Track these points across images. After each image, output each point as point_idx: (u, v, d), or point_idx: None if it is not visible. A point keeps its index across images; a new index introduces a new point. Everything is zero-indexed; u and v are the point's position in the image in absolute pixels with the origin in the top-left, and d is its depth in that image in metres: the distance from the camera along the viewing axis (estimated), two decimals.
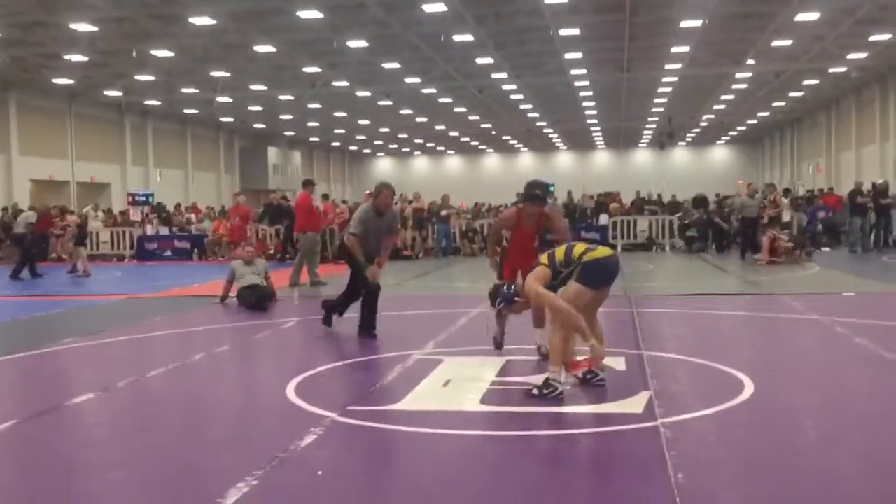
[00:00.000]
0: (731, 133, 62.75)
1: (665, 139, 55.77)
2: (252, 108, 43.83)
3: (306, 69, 32.12)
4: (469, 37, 26.70)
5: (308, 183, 16.83)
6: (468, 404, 6.32)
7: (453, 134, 57.11)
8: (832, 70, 34.80)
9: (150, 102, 39.66)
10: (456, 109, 44.63)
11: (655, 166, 66.65)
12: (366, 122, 50.00)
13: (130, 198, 29.19)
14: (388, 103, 41.24)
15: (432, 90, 37.64)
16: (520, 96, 40.86)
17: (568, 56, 30.33)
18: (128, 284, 17.83)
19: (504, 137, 61.79)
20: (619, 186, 39.05)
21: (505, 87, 37.69)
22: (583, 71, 33.70)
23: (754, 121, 53.94)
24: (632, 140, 64.65)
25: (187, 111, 44.04)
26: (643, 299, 12.51)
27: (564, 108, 46.10)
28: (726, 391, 6.38)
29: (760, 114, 50.30)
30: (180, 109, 43.39)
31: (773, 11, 24.68)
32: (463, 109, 44.91)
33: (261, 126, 51.16)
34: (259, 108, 43.92)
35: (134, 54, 27.96)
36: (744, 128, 58.58)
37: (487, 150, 70.56)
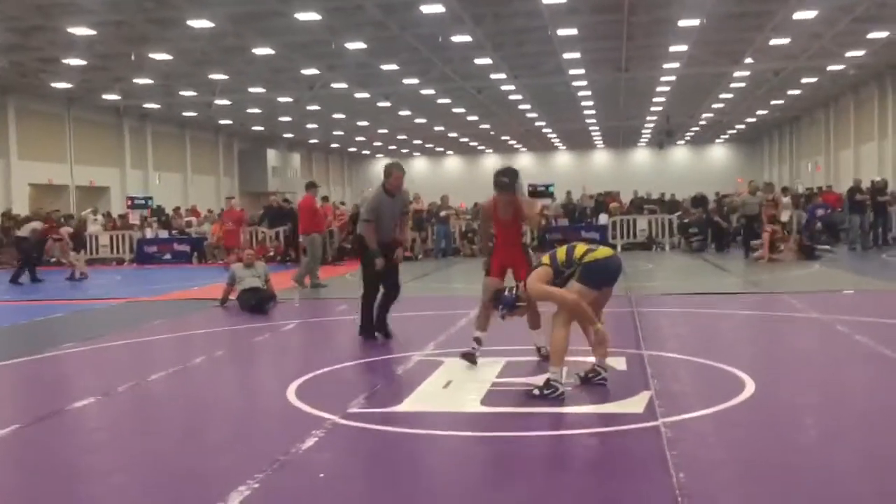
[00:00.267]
0: (730, 132, 62.75)
1: (664, 138, 55.79)
2: (251, 111, 43.83)
3: (305, 71, 32.13)
4: (467, 37, 26.71)
5: (311, 185, 16.95)
6: (469, 405, 6.32)
7: (452, 135, 57.12)
8: (830, 68, 34.81)
9: (149, 106, 39.65)
10: (454, 110, 44.64)
11: (654, 166, 66.67)
12: (364, 124, 49.99)
13: (129, 201, 29.16)
14: (387, 105, 41.22)
15: (431, 91, 37.64)
16: (518, 97, 40.87)
17: (566, 56, 30.34)
18: (127, 288, 17.83)
19: (503, 138, 61.79)
20: (619, 186, 39.03)
21: (503, 88, 37.69)
22: (581, 71, 33.72)
23: (753, 119, 53.95)
24: (631, 139, 64.64)
25: (186, 114, 44.03)
26: (643, 299, 12.51)
27: (563, 108, 46.10)
28: (727, 390, 6.38)
29: (759, 112, 50.32)
30: (179, 112, 43.38)
31: (771, 10, 24.69)
32: (462, 110, 44.92)
33: (260, 128, 51.15)
34: (258, 111, 43.92)
35: (132, 58, 27.95)
36: (742, 126, 58.59)
37: (486, 151, 70.58)
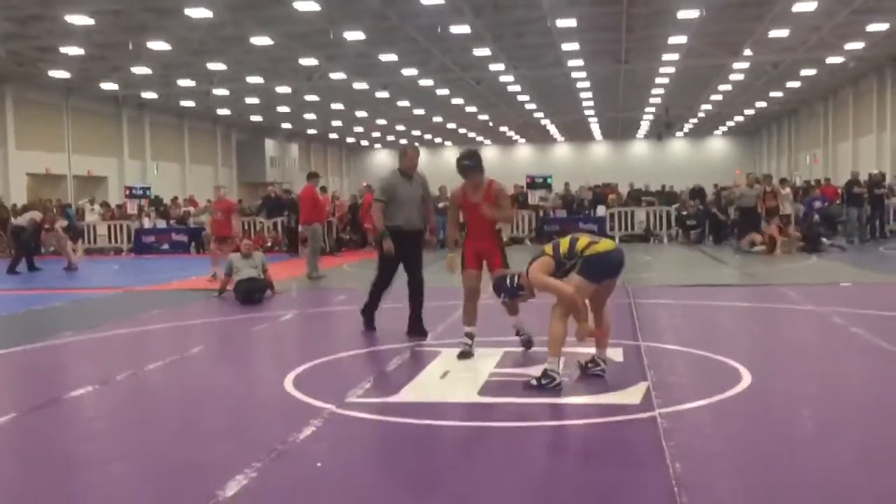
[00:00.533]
0: (729, 124, 62.68)
1: (663, 130, 55.71)
2: (249, 101, 43.72)
3: (303, 61, 32.04)
4: (466, 28, 26.64)
5: (313, 175, 16.97)
6: (466, 396, 6.33)
7: (451, 126, 57.00)
8: (829, 60, 34.73)
9: (147, 95, 39.54)
10: (453, 101, 44.54)
11: (653, 157, 66.61)
12: (363, 115, 49.90)
13: (127, 191, 29.10)
14: (386, 95, 41.14)
15: (430, 82, 37.56)
16: (517, 88, 40.79)
17: (565, 47, 30.27)
18: (125, 278, 17.82)
19: (502, 129, 61.70)
20: (617, 178, 38.96)
21: (502, 79, 37.61)
22: (580, 62, 33.64)
23: (752, 111, 53.89)
24: (629, 131, 64.55)
25: (184, 104, 43.92)
26: (641, 290, 12.52)
27: (562, 100, 46.02)
28: (724, 381, 6.40)
29: (758, 104, 50.26)
30: (177, 102, 43.27)
31: (771, 1, 24.62)
32: (460, 101, 44.83)
33: (258, 119, 51.05)
34: (256, 101, 43.82)
35: (130, 47, 27.85)
36: (741, 118, 58.53)
37: (485, 142, 70.46)
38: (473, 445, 5.25)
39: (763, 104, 50.07)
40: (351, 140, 68.16)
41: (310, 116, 50.67)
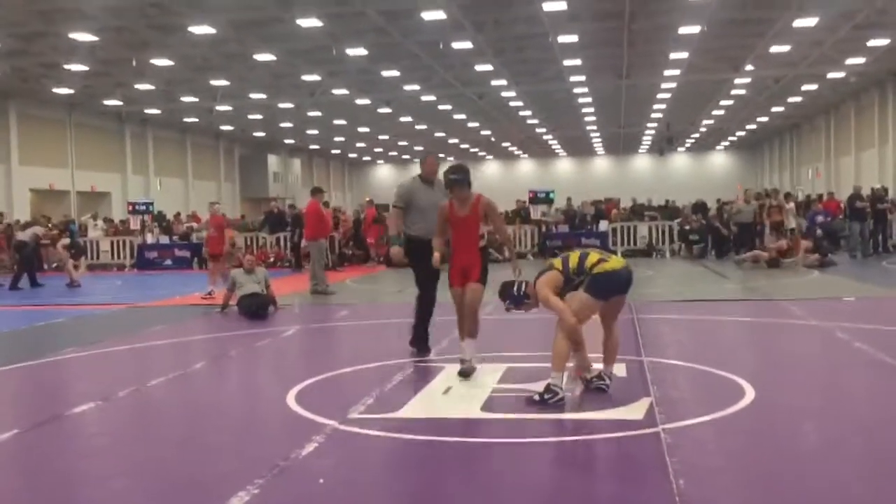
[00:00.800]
0: (731, 139, 62.78)
1: (664, 145, 55.82)
2: (252, 117, 43.88)
3: (306, 77, 32.17)
4: (468, 44, 26.76)
5: (317, 191, 16.94)
6: (469, 411, 6.32)
7: (453, 141, 57.14)
8: (831, 75, 34.83)
9: (150, 111, 39.69)
10: (455, 116, 44.68)
11: (655, 172, 66.71)
12: (365, 130, 50.05)
13: (130, 207, 29.15)
14: (388, 111, 41.27)
15: (432, 97, 37.68)
16: (519, 103, 40.91)
17: (567, 63, 30.37)
18: (128, 293, 17.82)
19: (504, 144, 61.82)
20: (619, 193, 39.03)
21: (504, 94, 37.72)
22: (582, 78, 33.76)
23: (753, 126, 54.00)
24: (631, 146, 64.66)
25: (187, 120, 44.09)
26: (644, 305, 12.49)
27: (564, 115, 46.14)
28: (727, 397, 6.38)
29: (760, 119, 50.36)
30: (180, 118, 43.44)
31: (772, 17, 24.72)
32: (462, 116, 44.95)
33: (261, 134, 51.21)
34: (259, 117, 43.97)
35: (134, 63, 27.99)
36: (743, 133, 58.62)
37: (487, 157, 70.59)
38: (476, 461, 5.23)
39: (765, 119, 50.17)
40: (353, 155, 68.30)
41: (312, 132, 50.83)
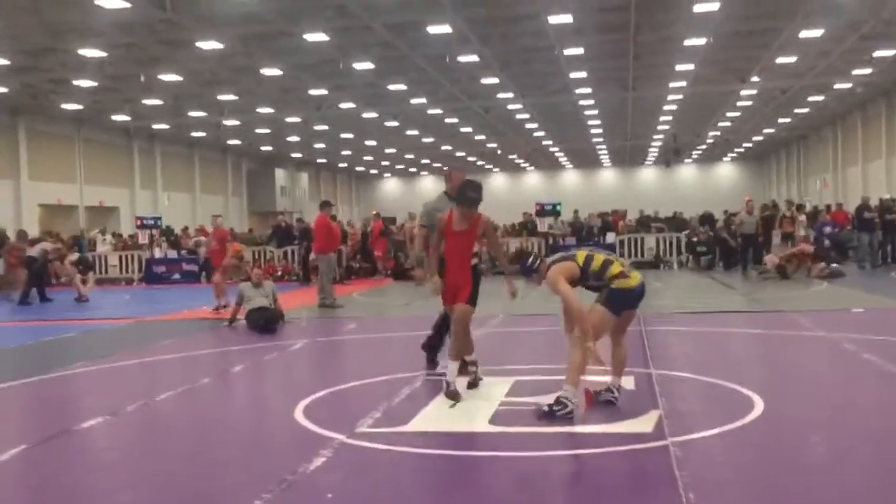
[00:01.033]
0: (738, 150, 62.75)
1: (671, 157, 55.81)
2: (259, 131, 44.06)
3: (313, 91, 32.30)
4: (474, 57, 26.84)
5: (326, 204, 16.95)
6: (477, 425, 6.31)
7: (460, 154, 57.25)
8: (837, 86, 34.82)
9: (158, 126, 39.90)
10: (462, 129, 44.78)
11: (662, 184, 66.69)
12: (372, 143, 50.19)
13: (139, 221, 29.25)
14: (395, 124, 41.38)
15: (438, 111, 37.78)
16: (525, 116, 40.99)
17: (573, 75, 30.45)
18: (136, 308, 17.87)
19: (510, 157, 61.91)
20: (626, 204, 38.99)
21: (510, 107, 37.81)
22: (588, 90, 33.83)
23: (760, 137, 53.96)
24: (638, 158, 64.68)
25: (195, 134, 44.30)
26: (652, 317, 12.46)
27: (570, 127, 46.20)
28: (736, 409, 6.35)
29: (766, 130, 50.33)
30: (188, 133, 43.65)
31: (778, 28, 24.74)
32: (469, 129, 45.05)
33: (268, 148, 51.40)
34: (266, 131, 44.14)
35: (142, 79, 28.15)
36: (750, 144, 58.59)
37: (494, 170, 70.68)
38: (484, 475, 5.22)
39: (771, 130, 50.13)
40: (360, 168, 68.49)
41: (319, 145, 50.98)
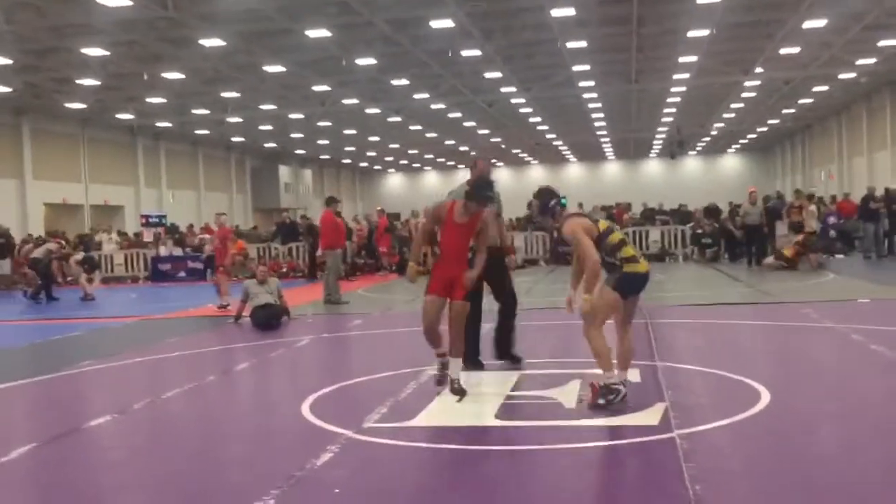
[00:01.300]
0: (742, 141, 62.58)
1: (675, 149, 55.65)
2: (263, 128, 44.07)
3: (316, 87, 32.30)
4: (477, 52, 26.81)
5: (332, 200, 16.94)
6: (483, 419, 6.31)
7: (463, 148, 57.21)
8: (842, 76, 34.68)
9: (162, 124, 39.95)
10: (465, 124, 44.73)
11: (666, 176, 66.55)
12: (376, 139, 50.17)
13: (144, 219, 29.33)
14: (398, 119, 41.36)
15: (441, 105, 37.75)
16: (529, 109, 40.93)
17: (576, 69, 30.38)
18: (142, 306, 17.92)
19: (514, 151, 61.84)
20: (631, 197, 39.04)
21: (514, 101, 37.75)
22: (591, 83, 33.76)
23: (765, 129, 53.82)
24: (642, 150, 64.57)
25: (199, 132, 44.32)
26: (657, 310, 12.45)
27: (574, 121, 46.12)
28: (742, 401, 6.35)
29: (771, 121, 50.19)
30: (192, 131, 43.68)
31: (781, 19, 24.66)
32: (472, 124, 45.00)
33: (272, 145, 51.42)
34: (270, 128, 44.15)
35: (145, 77, 28.20)
36: (754, 136, 58.42)
37: (497, 164, 70.57)
38: (491, 469, 5.23)
39: (776, 121, 49.98)
40: (364, 164, 68.49)
41: (323, 142, 50.99)
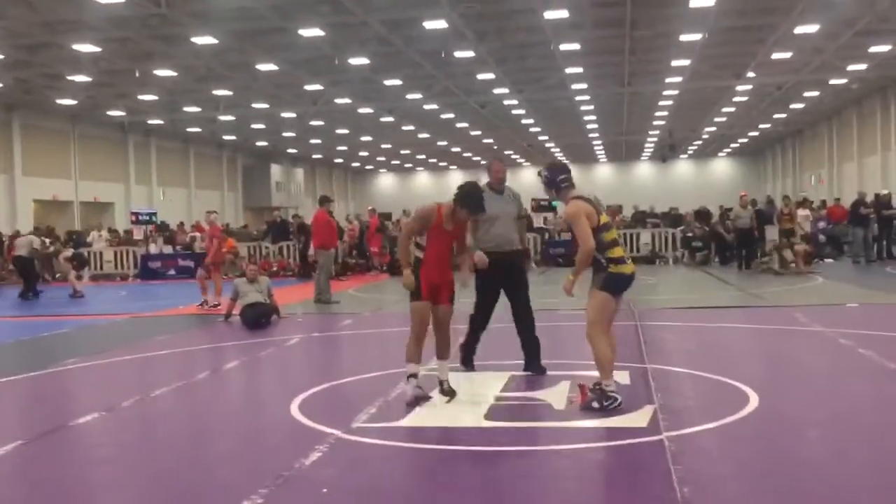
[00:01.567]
0: (733, 145, 62.79)
1: (667, 152, 55.82)
2: (254, 126, 43.95)
3: (308, 87, 32.24)
4: (470, 53, 26.81)
5: (325, 199, 16.90)
6: (473, 420, 6.31)
7: (455, 149, 57.22)
8: (833, 82, 34.83)
9: (153, 122, 39.82)
10: (458, 125, 44.74)
11: (657, 179, 66.70)
12: (368, 139, 50.12)
13: (134, 217, 29.16)
14: (390, 119, 41.33)
15: (434, 106, 37.74)
16: (521, 111, 40.98)
17: (569, 71, 30.42)
18: (131, 304, 17.85)
19: (506, 152, 61.87)
20: (622, 199, 38.93)
21: (506, 103, 37.78)
22: (584, 85, 33.80)
23: (756, 133, 54.00)
24: (633, 153, 64.70)
25: (190, 130, 44.19)
26: (647, 312, 12.49)
27: (566, 123, 46.20)
28: (731, 404, 6.37)
29: (762, 126, 50.35)
30: (183, 128, 43.54)
31: (773, 24, 24.74)
32: (465, 125, 45.01)
33: (263, 144, 51.30)
34: (262, 126, 44.03)
35: (137, 74, 28.09)
36: (745, 140, 58.63)
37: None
38: (480, 470, 5.23)
39: (767, 125, 50.15)
40: (356, 164, 68.40)
41: (315, 141, 50.91)
